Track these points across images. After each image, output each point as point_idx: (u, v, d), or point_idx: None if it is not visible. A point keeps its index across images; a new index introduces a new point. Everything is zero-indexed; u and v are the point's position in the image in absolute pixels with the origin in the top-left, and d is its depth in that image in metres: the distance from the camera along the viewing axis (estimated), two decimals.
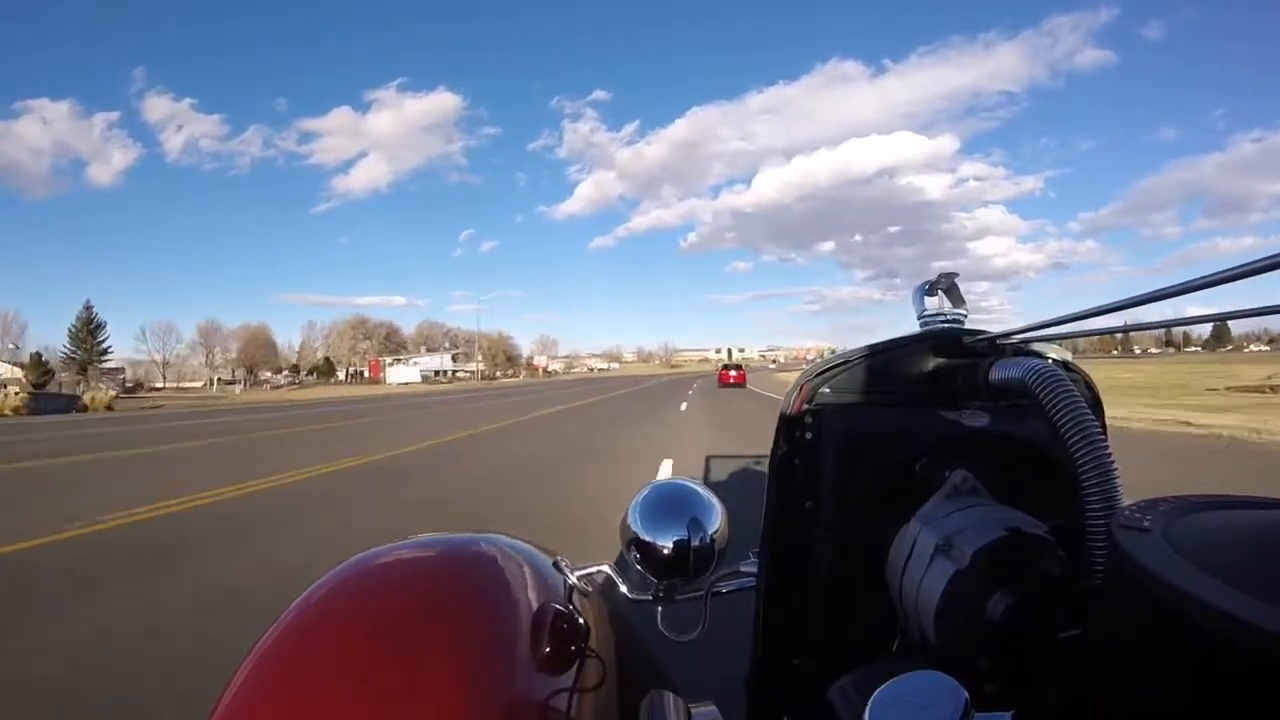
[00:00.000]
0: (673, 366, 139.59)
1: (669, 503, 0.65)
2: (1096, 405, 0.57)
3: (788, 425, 0.58)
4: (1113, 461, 0.44)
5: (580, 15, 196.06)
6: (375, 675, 0.39)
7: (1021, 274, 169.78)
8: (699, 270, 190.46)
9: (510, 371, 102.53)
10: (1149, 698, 0.30)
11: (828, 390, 0.58)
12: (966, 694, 0.36)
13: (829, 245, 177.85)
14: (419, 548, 0.55)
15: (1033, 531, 0.44)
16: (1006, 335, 0.56)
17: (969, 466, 0.53)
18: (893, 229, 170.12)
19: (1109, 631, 0.34)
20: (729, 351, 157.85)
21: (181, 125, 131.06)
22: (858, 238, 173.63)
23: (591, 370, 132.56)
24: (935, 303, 0.60)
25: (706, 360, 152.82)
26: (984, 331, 0.58)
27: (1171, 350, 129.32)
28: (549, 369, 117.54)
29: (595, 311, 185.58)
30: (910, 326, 0.60)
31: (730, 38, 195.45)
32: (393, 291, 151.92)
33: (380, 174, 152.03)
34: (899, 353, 0.58)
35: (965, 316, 0.59)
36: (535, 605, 0.49)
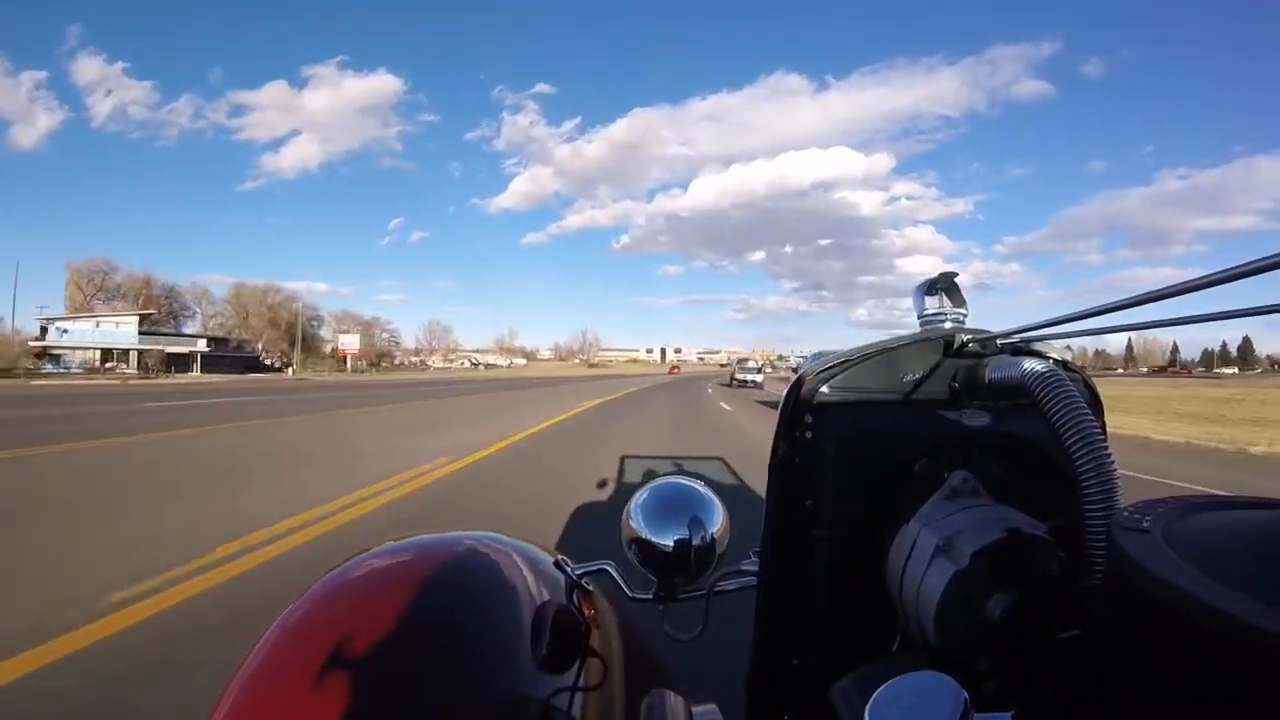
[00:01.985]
0: (592, 366, 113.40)
1: (670, 502, 0.66)
2: (1096, 405, 0.58)
3: (788, 425, 0.58)
4: (1112, 462, 0.44)
5: (531, 6, 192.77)
6: (377, 675, 0.39)
7: None
8: (630, 272, 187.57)
9: (313, 370, 58.62)
10: (1148, 698, 0.30)
11: (828, 390, 0.57)
12: (966, 694, 0.36)
13: (760, 255, 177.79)
14: (420, 548, 0.54)
15: (1032, 532, 0.45)
16: (1007, 335, 0.56)
17: (969, 466, 0.53)
18: (823, 242, 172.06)
19: (1108, 632, 0.34)
20: (663, 352, 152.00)
21: (111, 90, 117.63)
22: (789, 249, 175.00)
23: (477, 366, 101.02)
24: (935, 302, 0.60)
25: (635, 360, 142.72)
26: (985, 331, 0.58)
27: (1180, 371, 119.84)
28: (402, 361, 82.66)
29: (524, 308, 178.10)
30: (835, 340, 0.48)
31: (678, 41, 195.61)
32: (317, 278, 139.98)
33: (311, 155, 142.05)
34: (900, 352, 0.58)
35: (965, 316, 0.60)
36: (537, 604, 0.49)
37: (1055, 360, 0.56)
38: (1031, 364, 0.50)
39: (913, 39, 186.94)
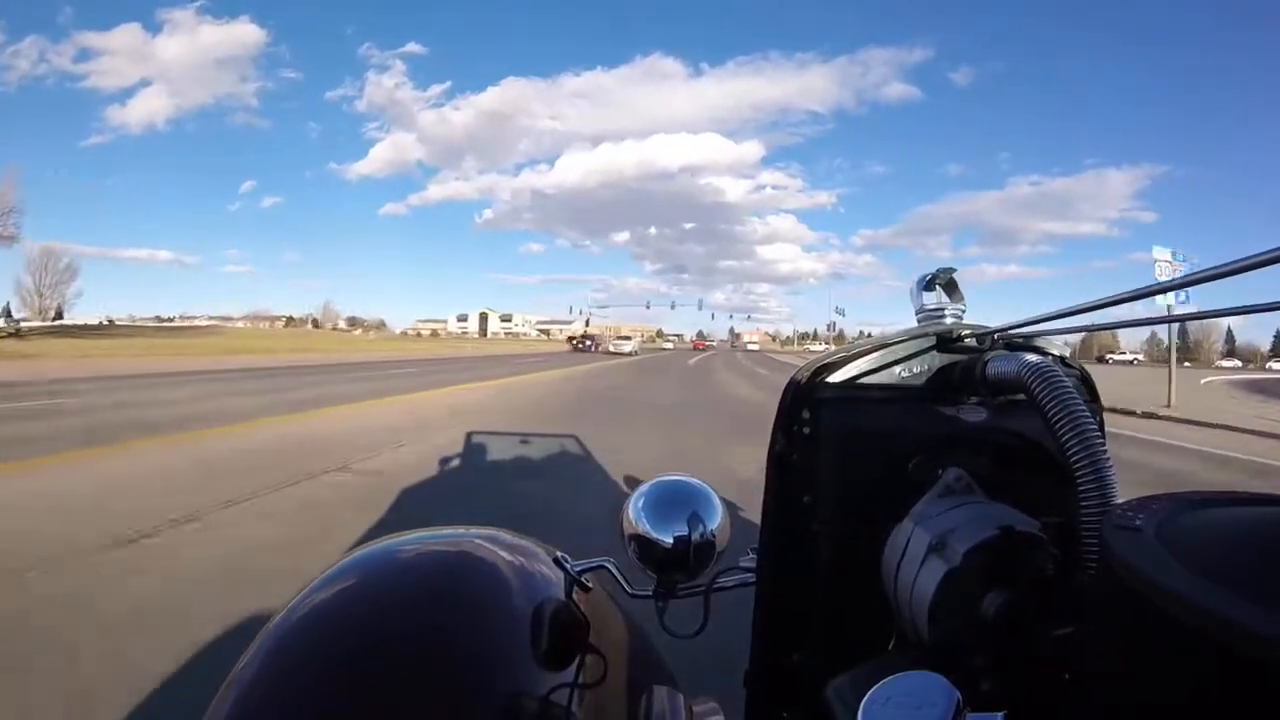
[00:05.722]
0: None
1: (670, 499, 0.66)
2: (1094, 401, 0.57)
3: (786, 420, 0.58)
4: (1108, 458, 0.44)
5: None
6: (375, 674, 0.40)
7: (803, 280, 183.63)
8: (491, 248, 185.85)
9: None
10: (1137, 697, 0.30)
11: (826, 385, 0.57)
12: (959, 694, 0.36)
13: (624, 235, 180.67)
14: (420, 544, 0.55)
15: (1025, 529, 0.45)
16: (1006, 330, 0.56)
17: (964, 463, 0.53)
18: (688, 226, 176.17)
19: (1100, 631, 0.34)
20: (483, 319, 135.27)
21: None
22: (653, 230, 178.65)
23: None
24: (934, 298, 0.60)
25: (422, 335, 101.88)
26: (982, 326, 0.58)
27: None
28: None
29: (377, 282, 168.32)
30: (692, 325, 0.49)
31: (557, 13, 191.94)
32: (159, 244, 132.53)
33: (160, 108, 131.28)
34: (898, 347, 0.58)
35: (964, 311, 0.59)
36: (536, 601, 0.49)
37: (1054, 356, 0.56)
38: (1028, 359, 0.50)
39: (789, 34, 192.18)
